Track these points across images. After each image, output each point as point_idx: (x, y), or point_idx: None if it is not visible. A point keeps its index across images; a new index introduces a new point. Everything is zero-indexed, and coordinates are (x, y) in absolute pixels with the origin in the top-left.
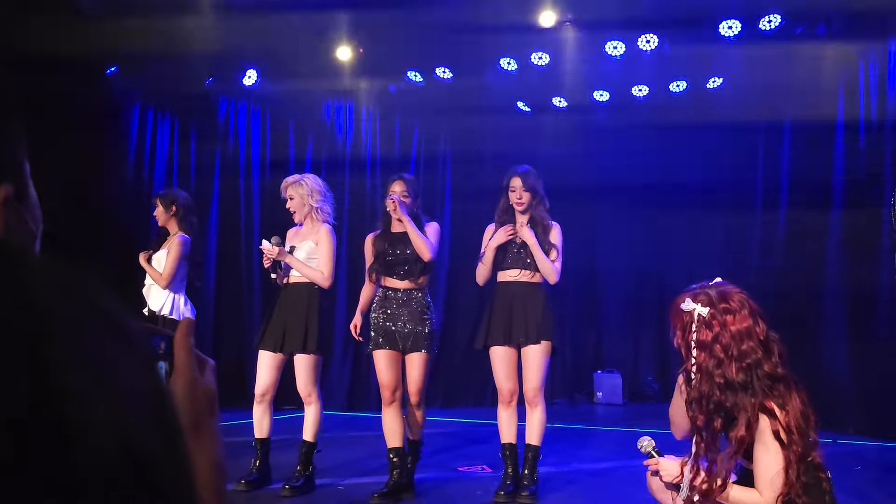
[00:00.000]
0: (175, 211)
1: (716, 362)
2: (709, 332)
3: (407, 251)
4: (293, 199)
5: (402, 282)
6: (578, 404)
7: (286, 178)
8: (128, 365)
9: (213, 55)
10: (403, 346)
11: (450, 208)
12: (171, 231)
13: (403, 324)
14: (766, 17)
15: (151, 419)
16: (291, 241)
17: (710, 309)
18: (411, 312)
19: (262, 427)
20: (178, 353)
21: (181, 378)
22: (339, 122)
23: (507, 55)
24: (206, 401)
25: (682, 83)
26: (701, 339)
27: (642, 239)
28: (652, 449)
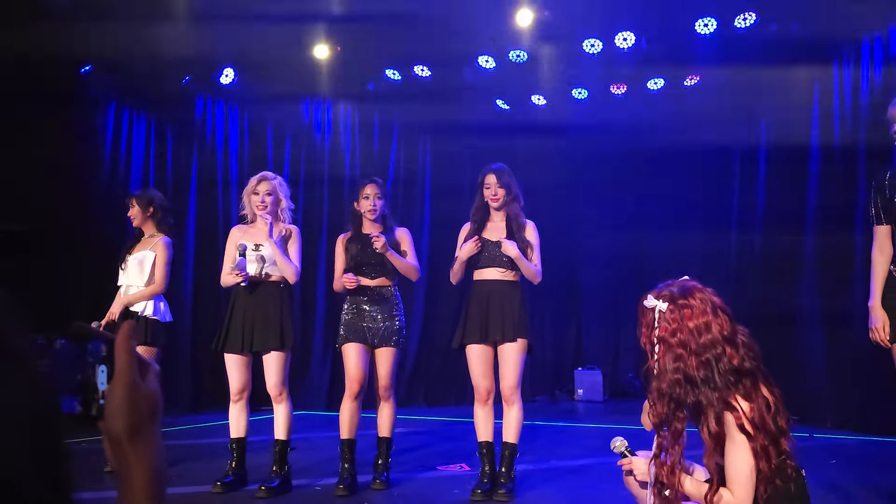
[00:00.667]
0: (152, 212)
1: (674, 357)
2: (668, 327)
3: (375, 250)
4: (270, 195)
5: (372, 281)
6: (559, 401)
7: (265, 173)
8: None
9: (189, 54)
10: (373, 341)
11: (429, 206)
12: (147, 232)
13: (373, 320)
14: (742, 15)
15: (23, 439)
16: (246, 239)
17: (669, 304)
18: (381, 309)
19: (238, 427)
20: (119, 356)
21: (120, 382)
22: (317, 121)
23: (485, 53)
24: (147, 406)
25: (659, 81)
26: (661, 334)
27: (622, 235)
28: (625, 449)
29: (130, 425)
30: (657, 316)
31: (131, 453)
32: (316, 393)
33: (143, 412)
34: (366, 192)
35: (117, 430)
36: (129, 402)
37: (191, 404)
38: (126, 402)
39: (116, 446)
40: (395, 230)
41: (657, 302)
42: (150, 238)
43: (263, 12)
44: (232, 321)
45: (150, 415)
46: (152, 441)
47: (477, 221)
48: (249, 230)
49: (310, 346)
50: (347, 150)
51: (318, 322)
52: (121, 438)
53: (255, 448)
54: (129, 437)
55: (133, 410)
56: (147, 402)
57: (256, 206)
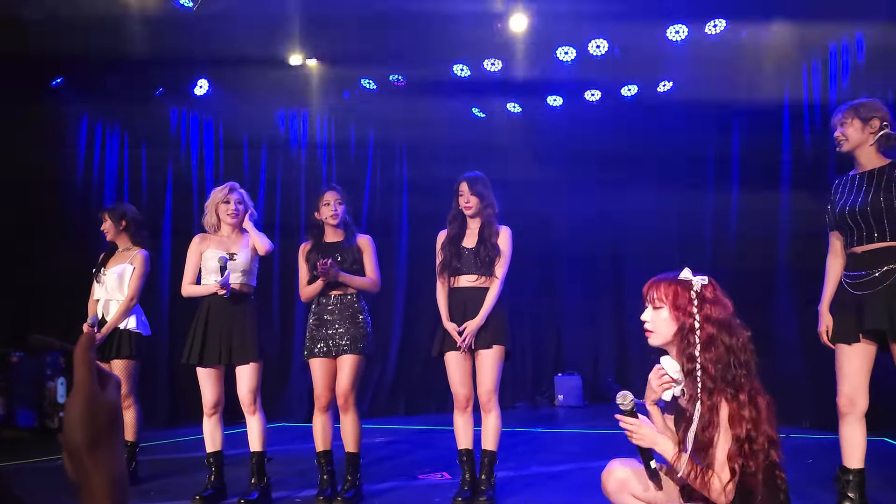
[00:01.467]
0: (125, 226)
1: (717, 332)
2: (710, 304)
3: (344, 258)
4: (241, 204)
5: (334, 290)
6: (540, 407)
7: (233, 183)
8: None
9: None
10: (336, 351)
11: (407, 214)
12: (122, 245)
13: (336, 329)
14: (712, 21)
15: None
16: (213, 249)
17: (708, 280)
18: (344, 317)
19: (214, 441)
20: (78, 367)
21: (79, 393)
22: (293, 130)
23: (459, 62)
24: (107, 416)
25: (633, 87)
26: (705, 312)
27: (600, 242)
28: (633, 407)
29: (89, 436)
30: (696, 292)
31: (90, 464)
32: (296, 404)
33: (102, 423)
34: (326, 199)
35: (76, 442)
36: (88, 414)
37: (168, 418)
38: (85, 414)
39: (75, 458)
40: (356, 237)
41: (696, 277)
42: (126, 251)
43: (238, 22)
44: (206, 334)
45: (110, 425)
46: (112, 452)
47: (455, 229)
48: (213, 239)
49: (289, 358)
50: (324, 159)
51: (298, 333)
52: (80, 450)
53: (233, 461)
54: (88, 448)
55: (92, 421)
56: (106, 413)
57: (228, 214)
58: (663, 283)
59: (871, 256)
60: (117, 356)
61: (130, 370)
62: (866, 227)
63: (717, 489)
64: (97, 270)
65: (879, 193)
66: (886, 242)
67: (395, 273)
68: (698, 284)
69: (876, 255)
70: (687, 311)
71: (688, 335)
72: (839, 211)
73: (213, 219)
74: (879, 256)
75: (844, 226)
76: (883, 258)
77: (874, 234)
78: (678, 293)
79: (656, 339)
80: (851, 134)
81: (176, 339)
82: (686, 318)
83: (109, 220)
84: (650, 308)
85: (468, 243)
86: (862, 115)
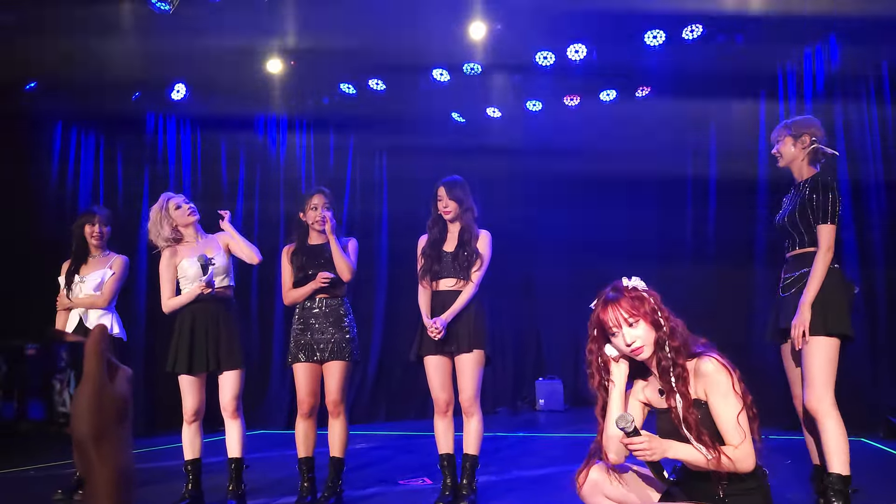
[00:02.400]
0: (100, 231)
1: (671, 319)
2: (655, 298)
3: (323, 261)
4: (189, 203)
5: (319, 294)
6: (521, 412)
7: (165, 194)
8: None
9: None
10: (321, 356)
11: (387, 219)
12: (96, 252)
13: (321, 334)
14: (689, 26)
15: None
16: (190, 256)
17: (639, 280)
18: (329, 322)
19: (193, 448)
20: (89, 359)
21: (88, 385)
22: (272, 135)
23: (439, 66)
24: (115, 408)
25: (611, 92)
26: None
27: (580, 245)
28: (634, 426)
29: (95, 428)
30: (646, 290)
31: (95, 456)
32: (276, 411)
33: (109, 415)
34: (313, 202)
35: (83, 433)
36: (96, 405)
37: (145, 426)
38: (92, 405)
39: (81, 449)
40: (342, 240)
41: (634, 280)
42: (103, 258)
43: (216, 26)
44: (193, 341)
45: (117, 417)
46: (118, 444)
47: (435, 233)
48: (182, 249)
49: (268, 364)
50: (303, 165)
51: (277, 338)
52: (86, 441)
53: (210, 469)
54: (93, 439)
55: (98, 413)
56: (114, 405)
57: (187, 215)
58: (623, 301)
59: (793, 261)
60: None
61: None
62: (796, 234)
63: (742, 456)
64: (69, 279)
65: (804, 203)
66: (806, 248)
67: (376, 277)
68: (639, 282)
69: (796, 260)
70: (654, 310)
71: (660, 332)
72: (776, 221)
73: (167, 231)
74: (798, 261)
75: (780, 234)
76: (800, 262)
77: (796, 240)
78: (642, 301)
79: (646, 351)
80: (785, 151)
81: (152, 347)
82: (657, 317)
83: (100, 226)
84: (626, 328)
85: (448, 247)
86: (793, 133)
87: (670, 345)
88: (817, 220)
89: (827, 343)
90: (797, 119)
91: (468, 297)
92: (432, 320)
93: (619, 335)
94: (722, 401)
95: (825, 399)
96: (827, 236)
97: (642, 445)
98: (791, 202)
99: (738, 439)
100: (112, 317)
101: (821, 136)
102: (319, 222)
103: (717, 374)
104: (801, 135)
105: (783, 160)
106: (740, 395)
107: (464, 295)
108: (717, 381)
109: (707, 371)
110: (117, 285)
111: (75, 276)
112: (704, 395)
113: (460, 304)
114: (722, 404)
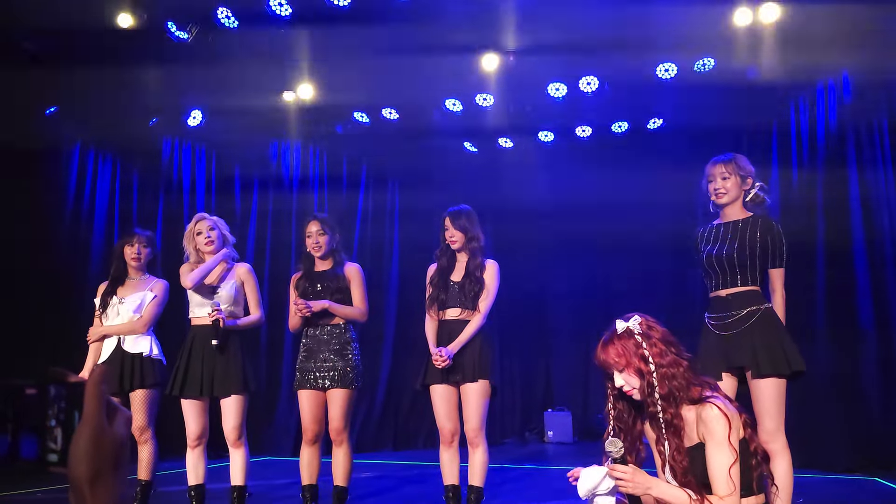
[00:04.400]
0: (139, 252)
1: (671, 363)
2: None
3: (320, 287)
4: (213, 231)
5: (323, 320)
6: (529, 443)
7: (202, 213)
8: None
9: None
10: (324, 384)
11: (398, 246)
12: (134, 275)
13: (325, 361)
14: (700, 60)
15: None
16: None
17: (641, 320)
18: (333, 349)
19: (196, 474)
20: (88, 401)
21: (87, 426)
22: (285, 162)
23: (451, 97)
24: (112, 451)
25: (623, 124)
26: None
27: (591, 276)
28: (623, 453)
29: (92, 469)
30: (640, 333)
31: (90, 498)
32: (283, 437)
33: (106, 457)
34: (309, 229)
35: (79, 474)
36: (93, 447)
37: None
38: (90, 447)
39: (77, 490)
40: (344, 266)
41: (632, 321)
42: (142, 280)
43: (232, 54)
44: (189, 365)
45: (114, 460)
46: (113, 487)
47: (444, 263)
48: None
49: (276, 390)
50: (316, 192)
51: (286, 365)
52: (81, 482)
53: (214, 496)
54: (89, 482)
55: (96, 455)
56: (112, 447)
57: (205, 244)
58: (610, 347)
59: (734, 299)
60: (142, 385)
61: (153, 400)
62: (731, 273)
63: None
64: (104, 300)
65: (745, 242)
66: (749, 287)
67: (385, 305)
68: (635, 325)
69: (737, 298)
70: (642, 357)
71: (645, 380)
72: (705, 257)
73: (191, 250)
74: (741, 299)
75: (710, 271)
76: (745, 301)
77: (737, 278)
78: (626, 347)
79: (636, 395)
80: (731, 188)
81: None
82: (642, 365)
83: (140, 247)
84: (617, 373)
85: (456, 277)
86: (741, 173)
87: (659, 392)
88: (773, 264)
89: (782, 383)
90: (737, 157)
91: (476, 328)
92: (438, 349)
93: (614, 376)
94: (715, 449)
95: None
96: (782, 279)
97: (626, 476)
98: (725, 241)
99: (725, 491)
100: (151, 339)
101: (754, 178)
102: (316, 249)
103: (715, 423)
104: (746, 176)
105: (727, 197)
106: (734, 447)
107: (471, 325)
108: (714, 429)
109: (706, 417)
110: (158, 309)
111: (113, 298)
112: (703, 440)
113: (468, 335)
114: (714, 453)
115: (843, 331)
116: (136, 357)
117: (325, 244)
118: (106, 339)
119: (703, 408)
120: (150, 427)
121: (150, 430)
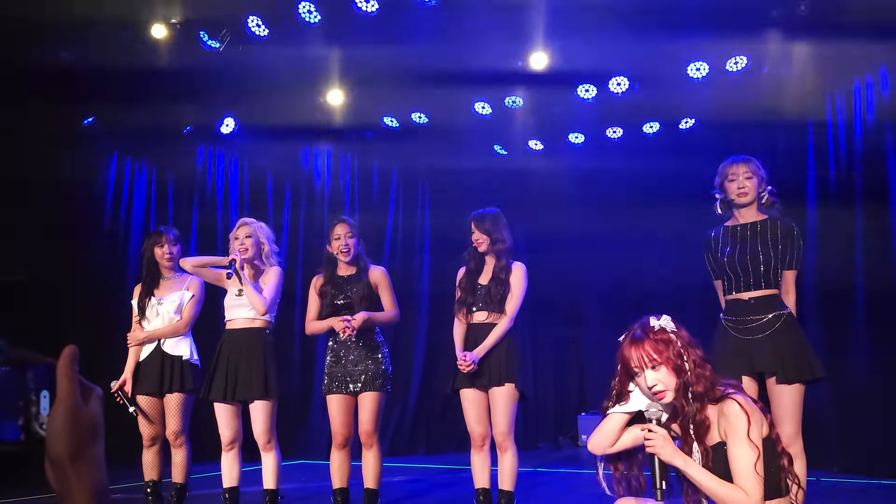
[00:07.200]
0: (170, 251)
1: (696, 363)
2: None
3: (352, 293)
4: (250, 238)
5: None
6: (562, 447)
7: (245, 219)
8: None
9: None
10: (354, 388)
11: (429, 248)
12: (168, 274)
13: (354, 365)
14: (733, 59)
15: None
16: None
17: (669, 319)
18: (361, 354)
19: (231, 476)
20: (60, 381)
21: (62, 406)
22: (317, 168)
23: (481, 100)
24: (89, 429)
25: (654, 124)
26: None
27: (625, 277)
28: (662, 420)
29: (72, 447)
30: (673, 331)
31: (73, 475)
32: (317, 440)
33: (84, 434)
34: (336, 232)
35: (59, 453)
36: (71, 425)
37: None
38: (67, 425)
39: (58, 469)
40: (369, 270)
41: (664, 319)
42: (177, 279)
43: (263, 62)
44: (218, 368)
45: (92, 437)
46: (94, 463)
47: (472, 266)
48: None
49: (309, 394)
50: (347, 197)
51: (318, 368)
52: (62, 461)
53: (249, 498)
54: (70, 459)
55: (74, 433)
56: (88, 425)
57: (237, 249)
58: (646, 343)
59: (756, 303)
60: (180, 389)
61: (188, 405)
62: (754, 275)
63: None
64: (142, 303)
65: (767, 245)
66: (770, 290)
67: (417, 308)
68: (668, 323)
69: (760, 302)
70: (679, 354)
71: (682, 378)
72: (726, 259)
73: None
74: (764, 303)
75: (731, 273)
76: (768, 305)
77: (760, 281)
78: (668, 344)
79: (668, 396)
80: (753, 189)
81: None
82: (681, 363)
83: (169, 246)
84: (648, 371)
85: (483, 280)
86: (760, 174)
87: (694, 391)
88: (789, 266)
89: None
90: (752, 160)
91: (502, 332)
92: (463, 354)
93: (641, 376)
94: (736, 445)
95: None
96: (793, 281)
97: (657, 439)
98: (745, 242)
99: (750, 488)
100: (190, 341)
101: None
102: (344, 253)
103: (735, 418)
104: (763, 177)
105: (747, 198)
106: (756, 444)
107: (497, 329)
108: (735, 424)
109: (728, 413)
110: (197, 308)
111: (151, 299)
112: (725, 437)
113: (494, 339)
114: (735, 449)
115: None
116: (175, 360)
117: (354, 247)
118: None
119: (725, 403)
120: (184, 431)
121: (184, 435)
